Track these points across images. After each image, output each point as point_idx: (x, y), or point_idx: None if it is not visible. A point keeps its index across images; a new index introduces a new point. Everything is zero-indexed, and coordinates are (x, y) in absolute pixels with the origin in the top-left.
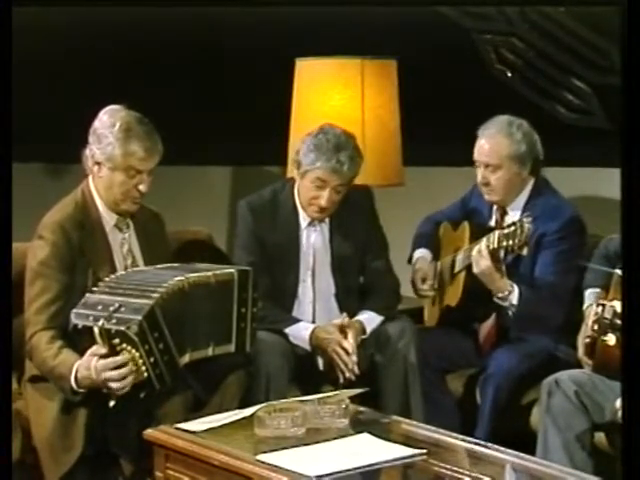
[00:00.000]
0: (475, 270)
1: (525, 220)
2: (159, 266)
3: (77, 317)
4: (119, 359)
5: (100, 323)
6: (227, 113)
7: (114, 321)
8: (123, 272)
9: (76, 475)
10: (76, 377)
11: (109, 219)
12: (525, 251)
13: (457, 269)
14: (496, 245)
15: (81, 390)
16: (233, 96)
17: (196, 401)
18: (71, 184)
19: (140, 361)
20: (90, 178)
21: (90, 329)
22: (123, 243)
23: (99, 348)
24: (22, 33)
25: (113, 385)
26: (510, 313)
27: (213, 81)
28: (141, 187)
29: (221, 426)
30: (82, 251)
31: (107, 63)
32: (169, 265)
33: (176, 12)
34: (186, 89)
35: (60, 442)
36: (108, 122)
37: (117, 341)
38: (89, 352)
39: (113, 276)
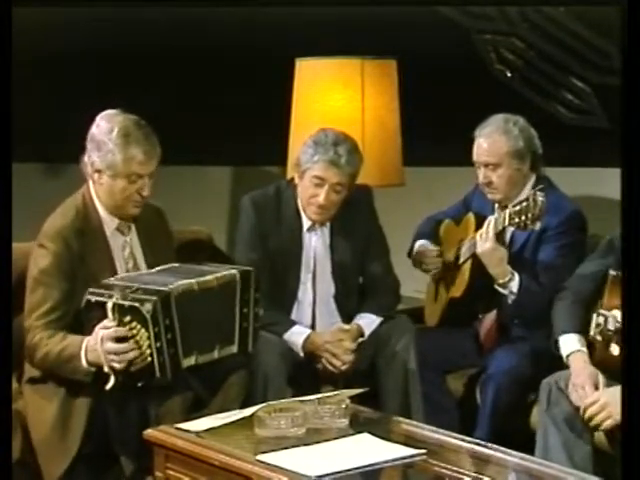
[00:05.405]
0: (478, 250)
1: (538, 193)
2: (159, 268)
3: (92, 295)
4: (124, 330)
5: (114, 299)
6: (227, 113)
7: (129, 299)
8: (131, 274)
9: (77, 475)
10: (86, 352)
11: (111, 223)
12: (538, 225)
13: (462, 259)
14: (507, 223)
15: (91, 368)
16: (233, 96)
17: (197, 401)
18: (70, 184)
19: (146, 343)
20: (90, 183)
21: (102, 305)
22: (125, 246)
23: (109, 322)
24: (22, 33)
25: (113, 358)
26: (510, 301)
27: (213, 81)
28: (144, 192)
29: (221, 426)
30: (82, 259)
31: (107, 63)
32: (169, 266)
33: (176, 12)
34: (186, 89)
35: (58, 444)
36: (106, 128)
37: (128, 318)
38: (99, 325)
39: (123, 275)
